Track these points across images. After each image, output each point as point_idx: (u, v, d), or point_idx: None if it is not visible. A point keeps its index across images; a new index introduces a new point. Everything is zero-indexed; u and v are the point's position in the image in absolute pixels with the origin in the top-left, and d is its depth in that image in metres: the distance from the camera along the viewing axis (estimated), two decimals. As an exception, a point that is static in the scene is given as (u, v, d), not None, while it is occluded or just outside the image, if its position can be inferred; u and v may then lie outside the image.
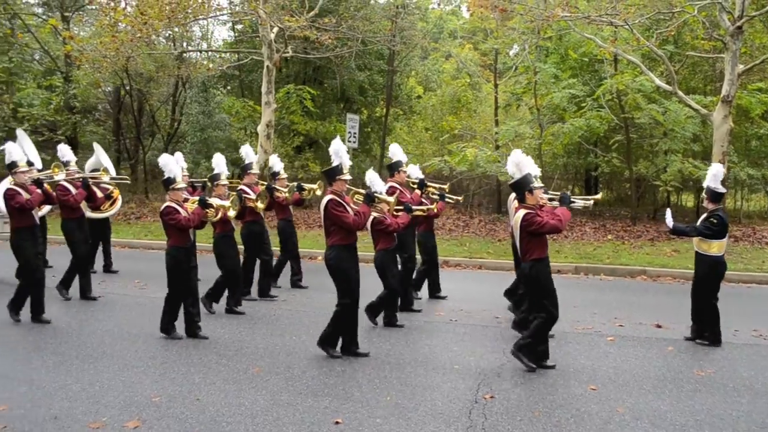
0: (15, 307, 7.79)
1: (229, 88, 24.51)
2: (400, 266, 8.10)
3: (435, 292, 9.41)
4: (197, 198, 7.49)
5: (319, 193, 9.64)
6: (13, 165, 7.90)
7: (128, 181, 11.19)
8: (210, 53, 24.69)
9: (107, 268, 11.22)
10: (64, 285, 9.09)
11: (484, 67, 25.18)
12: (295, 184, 9.76)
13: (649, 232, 15.41)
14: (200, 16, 17.30)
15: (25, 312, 7.82)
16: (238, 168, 22.05)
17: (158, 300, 8.71)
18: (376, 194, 6.72)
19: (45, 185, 8.17)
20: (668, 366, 6.41)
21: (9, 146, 8.03)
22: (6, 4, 22.99)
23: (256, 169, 9.40)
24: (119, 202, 11.11)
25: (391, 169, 8.50)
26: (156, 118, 26.01)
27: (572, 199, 6.59)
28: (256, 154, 11.90)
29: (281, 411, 5.07)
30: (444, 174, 16.65)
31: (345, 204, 6.45)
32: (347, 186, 6.68)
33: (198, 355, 6.52)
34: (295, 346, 6.88)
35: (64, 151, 9.68)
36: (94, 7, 24.34)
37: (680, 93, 14.34)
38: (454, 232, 16.46)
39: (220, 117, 21.61)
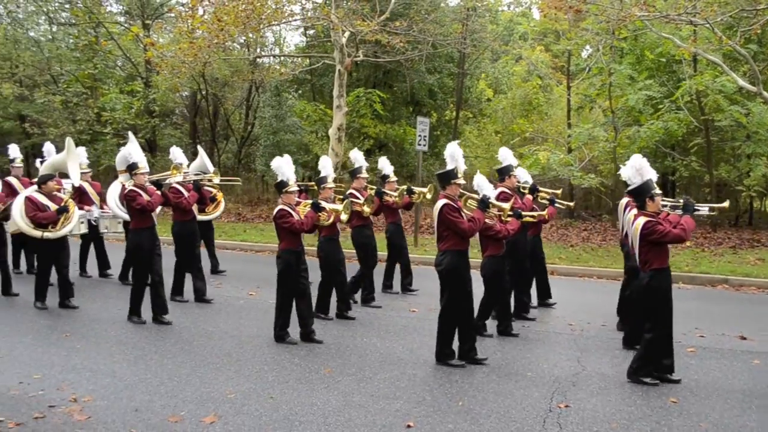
0: (134, 310, 7.89)
1: (300, 92, 24.92)
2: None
3: (545, 298, 9.07)
4: (310, 201, 7.38)
5: (429, 197, 9.59)
6: (133, 166, 7.98)
7: (239, 182, 10.95)
8: (282, 58, 25.18)
9: (215, 269, 11.21)
10: (175, 292, 9.08)
11: (556, 69, 24.74)
12: (405, 187, 9.56)
13: (731, 239, 14.77)
14: (274, 22, 17.64)
15: (104, 308, 8.16)
16: (308, 170, 22.64)
17: (231, 298, 8.98)
18: (490, 200, 6.57)
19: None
20: (755, 380, 6.10)
21: (129, 148, 8.19)
22: (91, 13, 24.08)
23: (365, 173, 9.18)
24: (222, 205, 11.18)
25: (501, 174, 8.10)
26: (230, 121, 26.72)
27: (696, 207, 6.20)
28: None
29: (353, 412, 5.10)
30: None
31: (460, 209, 6.35)
32: (460, 190, 6.52)
33: (271, 354, 6.64)
34: (366, 348, 6.91)
35: (176, 153, 9.77)
36: (172, 15, 25.25)
37: (765, 94, 13.68)
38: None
39: (292, 120, 21.98)
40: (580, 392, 5.69)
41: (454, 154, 6.49)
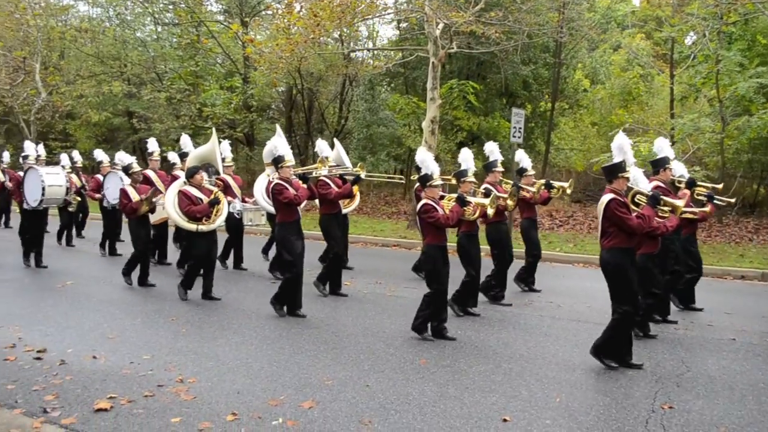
0: (279, 301, 7.91)
1: (393, 85, 25.04)
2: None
3: (689, 303, 8.46)
4: (455, 195, 7.12)
5: (569, 191, 9.41)
6: (279, 159, 7.90)
7: (402, 181, 10.41)
8: (376, 52, 25.36)
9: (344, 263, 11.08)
10: (322, 281, 9.17)
11: (657, 57, 23.70)
12: (544, 181, 9.33)
13: None
14: (368, 16, 17.80)
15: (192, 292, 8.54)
16: (400, 163, 22.72)
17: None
18: (662, 197, 6.25)
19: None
20: None
21: (275, 141, 8.16)
22: (193, 13, 25.09)
23: (500, 167, 8.94)
24: (357, 199, 10.96)
25: (656, 166, 7.63)
26: (325, 115, 27.20)
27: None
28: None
29: (448, 404, 5.09)
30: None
31: (628, 205, 6.07)
32: (627, 185, 6.21)
33: (366, 343, 6.72)
34: (460, 340, 6.87)
35: (322, 146, 9.65)
36: (269, 12, 25.93)
37: None
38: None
39: (385, 114, 22.11)
40: (685, 393, 5.43)
41: (622, 146, 6.13)
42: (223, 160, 9.98)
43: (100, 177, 12.84)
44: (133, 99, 27.16)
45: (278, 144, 8.07)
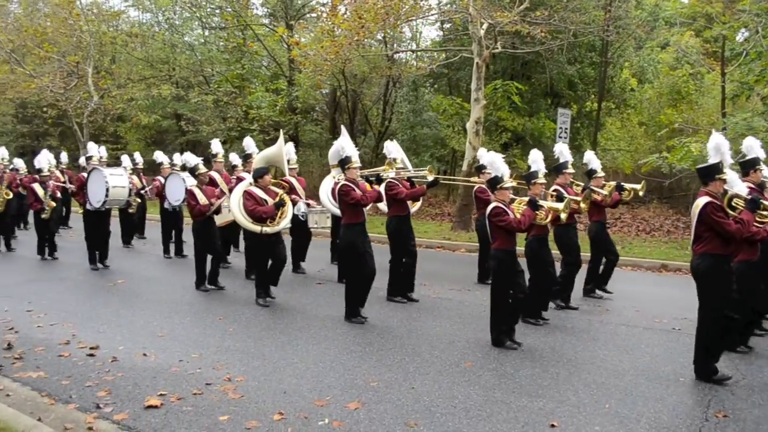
0: (353, 312, 7.69)
1: (436, 86, 24.99)
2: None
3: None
4: (527, 198, 6.87)
5: (641, 194, 9.21)
6: (346, 161, 7.72)
7: (480, 183, 9.90)
8: (419, 53, 25.35)
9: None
10: (394, 292, 8.95)
11: (707, 54, 23.08)
12: (615, 183, 9.09)
13: None
14: (411, 18, 17.81)
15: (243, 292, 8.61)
16: (443, 164, 22.63)
17: (373, 290, 9.10)
18: (762, 201, 5.96)
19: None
20: None
21: (341, 142, 7.89)
22: (239, 17, 25.47)
23: (571, 169, 8.66)
24: (420, 201, 10.45)
25: (746, 167, 7.10)
26: (368, 116, 27.29)
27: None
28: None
29: (495, 408, 5.04)
30: (663, 172, 15.52)
31: (725, 209, 5.80)
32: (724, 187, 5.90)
33: (411, 345, 6.70)
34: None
35: (391, 148, 9.30)
36: (314, 15, 26.16)
37: None
38: (673, 234, 15.32)
39: (429, 115, 22.08)
40: (740, 402, 5.28)
41: (719, 146, 5.83)
42: (288, 161, 9.90)
43: (161, 179, 12.85)
44: (181, 102, 27.69)
45: (345, 145, 7.87)
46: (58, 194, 12.66)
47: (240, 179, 10.18)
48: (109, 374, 5.74)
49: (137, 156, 14.25)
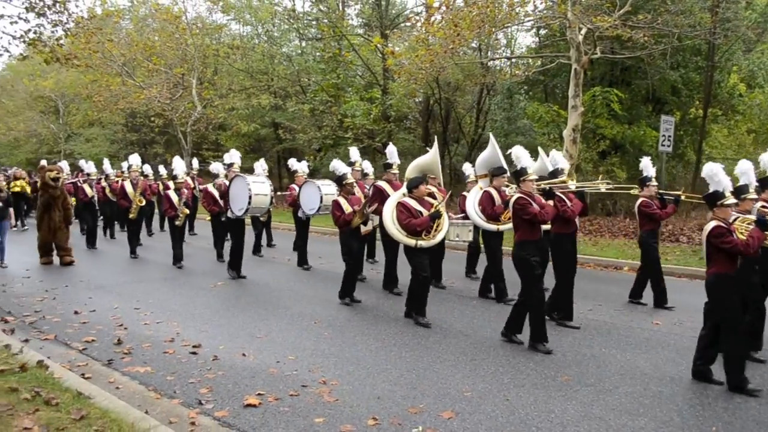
0: (539, 337, 6.90)
1: (531, 93, 24.60)
2: None
3: None
4: (752, 217, 6.08)
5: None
6: (522, 172, 7.14)
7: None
8: (514, 60, 25.04)
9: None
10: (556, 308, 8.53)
11: (824, 56, 21.58)
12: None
13: None
14: (507, 24, 17.60)
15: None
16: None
17: (463, 298, 9.03)
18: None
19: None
20: None
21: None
22: (335, 27, 26.00)
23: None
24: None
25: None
26: (461, 124, 27.18)
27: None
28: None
29: (593, 424, 4.87)
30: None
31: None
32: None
33: (506, 356, 6.59)
34: (604, 359, 6.56)
35: (557, 158, 8.64)
36: (408, 24, 26.35)
37: None
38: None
39: (523, 122, 21.75)
40: None
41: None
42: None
43: (295, 187, 12.60)
44: (279, 111, 28.54)
45: (521, 155, 7.22)
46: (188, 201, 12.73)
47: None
48: (211, 372, 5.96)
49: (262, 163, 13.00)
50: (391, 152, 10.36)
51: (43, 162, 17.13)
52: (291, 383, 5.68)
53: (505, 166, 8.74)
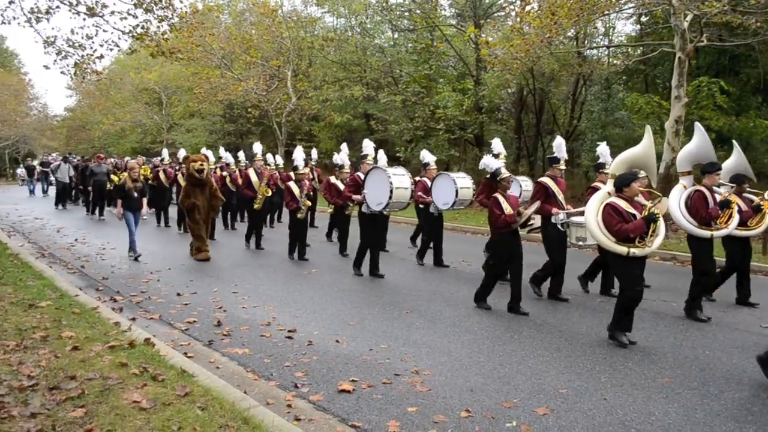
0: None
1: (630, 83, 23.70)
2: None
3: None
4: None
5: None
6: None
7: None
8: (613, 49, 24.18)
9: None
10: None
11: None
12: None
13: None
14: (607, 11, 17.01)
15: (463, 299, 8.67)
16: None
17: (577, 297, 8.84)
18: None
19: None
20: None
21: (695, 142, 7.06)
22: (428, 18, 25.92)
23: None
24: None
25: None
26: (556, 116, 26.54)
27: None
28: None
29: (696, 429, 4.66)
30: None
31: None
32: None
33: (603, 354, 6.40)
34: (709, 362, 6.25)
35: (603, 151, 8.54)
36: (502, 14, 25.93)
37: None
38: None
39: (621, 114, 21.00)
40: None
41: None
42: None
43: (427, 180, 11.68)
44: (371, 102, 28.80)
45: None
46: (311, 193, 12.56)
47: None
48: (306, 356, 6.11)
49: (381, 154, 11.53)
50: (559, 145, 9.00)
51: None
52: (384, 371, 5.74)
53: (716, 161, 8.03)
